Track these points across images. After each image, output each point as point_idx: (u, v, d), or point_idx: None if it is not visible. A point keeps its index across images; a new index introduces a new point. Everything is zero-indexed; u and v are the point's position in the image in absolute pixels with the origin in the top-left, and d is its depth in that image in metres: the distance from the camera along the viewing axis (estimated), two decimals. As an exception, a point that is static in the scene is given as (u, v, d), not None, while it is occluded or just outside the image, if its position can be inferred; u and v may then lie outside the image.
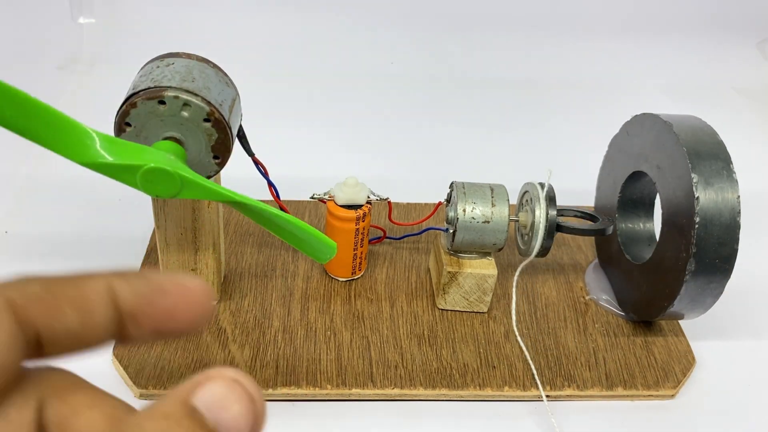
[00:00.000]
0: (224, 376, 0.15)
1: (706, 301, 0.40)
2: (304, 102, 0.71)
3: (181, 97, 0.34)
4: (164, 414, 0.14)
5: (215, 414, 0.15)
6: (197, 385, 0.15)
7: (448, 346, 0.43)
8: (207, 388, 0.15)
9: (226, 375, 0.15)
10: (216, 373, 0.15)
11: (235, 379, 0.15)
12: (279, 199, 0.44)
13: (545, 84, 0.77)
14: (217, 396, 0.15)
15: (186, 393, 0.15)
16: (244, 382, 0.15)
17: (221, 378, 0.15)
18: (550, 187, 0.44)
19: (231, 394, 0.15)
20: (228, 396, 0.15)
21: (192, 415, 0.14)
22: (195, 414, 0.14)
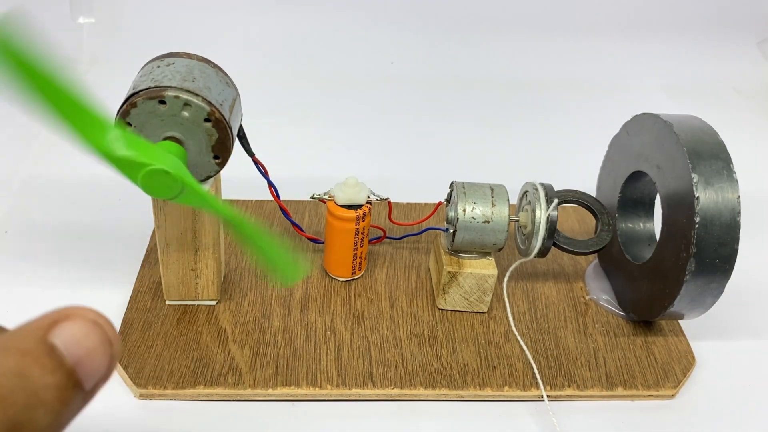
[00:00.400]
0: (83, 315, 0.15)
1: (706, 301, 0.40)
2: (304, 102, 0.71)
3: (182, 97, 0.34)
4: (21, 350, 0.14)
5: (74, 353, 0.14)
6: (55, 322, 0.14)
7: (448, 346, 0.43)
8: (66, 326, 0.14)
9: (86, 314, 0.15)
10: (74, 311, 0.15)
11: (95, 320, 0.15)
12: (279, 199, 0.44)
13: (545, 84, 0.77)
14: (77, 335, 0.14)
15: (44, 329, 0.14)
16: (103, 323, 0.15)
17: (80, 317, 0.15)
18: (550, 186, 0.44)
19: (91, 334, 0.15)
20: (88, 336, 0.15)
21: (51, 353, 0.14)
22: (54, 352, 0.14)
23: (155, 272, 0.46)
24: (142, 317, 0.43)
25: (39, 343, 0.14)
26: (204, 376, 0.40)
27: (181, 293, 0.43)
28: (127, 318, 0.43)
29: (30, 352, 0.14)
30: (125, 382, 0.39)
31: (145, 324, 0.42)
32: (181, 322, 0.43)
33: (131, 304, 0.44)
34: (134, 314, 0.43)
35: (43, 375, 0.14)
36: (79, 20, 0.76)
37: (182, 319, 0.43)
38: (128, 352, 0.40)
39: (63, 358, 0.14)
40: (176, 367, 0.40)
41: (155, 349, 0.41)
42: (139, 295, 0.44)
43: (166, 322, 0.43)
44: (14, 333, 0.14)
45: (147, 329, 0.42)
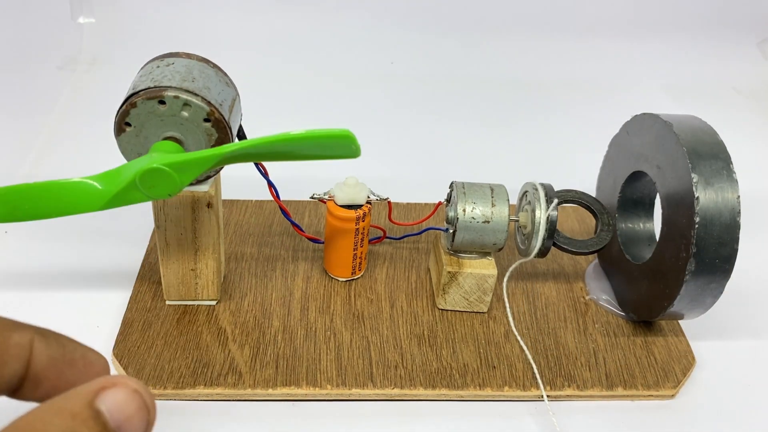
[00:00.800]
0: (127, 384, 0.16)
1: (706, 301, 0.40)
2: (304, 102, 0.71)
3: (181, 97, 0.34)
4: (72, 413, 0.15)
5: (117, 419, 0.16)
6: (101, 389, 0.16)
7: (448, 346, 0.43)
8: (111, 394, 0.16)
9: (129, 384, 0.16)
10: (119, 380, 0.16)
11: (136, 389, 0.17)
12: (279, 199, 0.44)
13: (545, 84, 0.77)
14: (120, 402, 0.16)
15: (91, 395, 0.16)
16: (142, 392, 0.17)
17: (124, 386, 0.16)
18: (550, 186, 0.44)
19: (132, 402, 0.16)
20: (129, 403, 0.16)
21: (97, 417, 0.16)
22: (99, 417, 0.16)
23: (155, 272, 0.46)
24: (142, 317, 0.43)
25: (87, 407, 0.16)
26: (204, 376, 0.40)
27: (181, 293, 0.43)
28: (127, 318, 0.43)
29: (79, 414, 0.15)
30: (125, 382, 0.39)
31: (145, 324, 0.42)
32: (181, 322, 0.43)
33: (131, 304, 0.44)
34: (134, 314, 0.43)
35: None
36: (79, 20, 0.76)
37: (182, 319, 0.43)
38: (128, 352, 0.40)
39: (107, 422, 0.16)
40: (176, 367, 0.40)
41: (155, 349, 0.41)
42: (139, 295, 0.44)
43: (166, 322, 0.43)
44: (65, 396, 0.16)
45: (147, 329, 0.42)
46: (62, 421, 0.15)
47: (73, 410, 0.15)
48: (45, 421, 0.15)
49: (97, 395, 0.16)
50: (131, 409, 0.16)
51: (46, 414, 0.15)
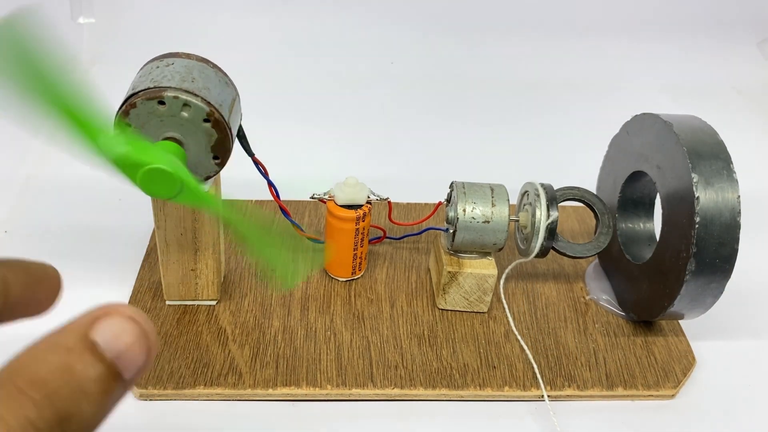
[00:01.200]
0: (121, 312, 0.16)
1: (706, 301, 0.40)
2: (304, 102, 0.71)
3: (181, 98, 0.34)
4: (66, 348, 0.15)
5: (114, 349, 0.16)
6: (95, 320, 0.16)
7: (448, 346, 0.43)
8: (105, 324, 0.16)
9: (124, 311, 0.16)
10: (112, 308, 0.16)
11: (131, 315, 0.16)
12: (279, 199, 0.44)
13: (545, 84, 0.77)
14: (116, 331, 0.16)
15: (85, 327, 0.16)
16: (139, 318, 0.16)
17: (118, 314, 0.16)
18: (550, 187, 0.44)
19: (129, 330, 0.16)
20: (126, 332, 0.16)
21: (93, 349, 0.15)
22: (95, 348, 0.15)
23: (155, 272, 0.46)
24: (142, 317, 0.43)
25: (81, 340, 0.15)
26: (204, 376, 0.40)
27: (181, 293, 0.43)
28: (127, 318, 0.42)
29: (74, 348, 0.15)
30: (125, 382, 0.39)
31: (145, 324, 0.42)
32: (181, 322, 0.43)
33: (131, 304, 0.44)
34: (134, 314, 0.43)
35: (86, 369, 0.15)
36: (79, 20, 0.76)
37: (182, 319, 0.43)
38: (128, 352, 0.40)
39: (103, 353, 0.15)
40: (176, 367, 0.40)
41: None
42: (139, 295, 0.44)
43: (166, 322, 0.43)
44: (58, 332, 0.15)
45: (147, 329, 0.42)
46: (57, 357, 0.15)
47: (67, 345, 0.15)
48: (39, 359, 0.15)
49: (91, 327, 0.16)
50: (129, 337, 0.16)
51: (40, 352, 0.15)
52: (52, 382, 0.14)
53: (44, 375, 0.14)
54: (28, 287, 0.19)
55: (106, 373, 0.15)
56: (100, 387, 0.15)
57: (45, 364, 0.15)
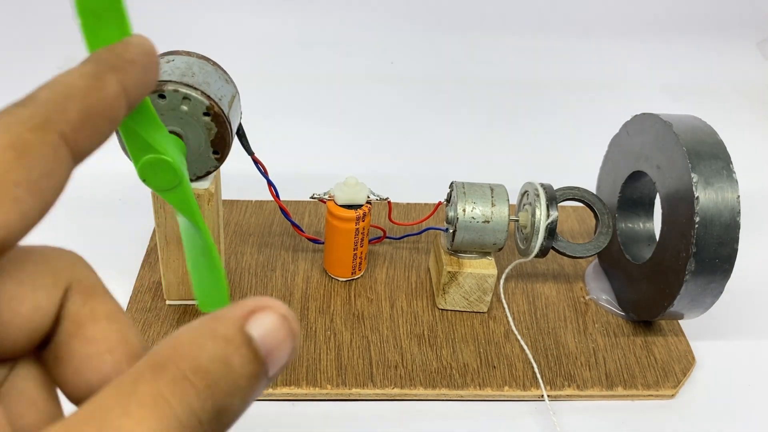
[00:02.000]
0: (277, 309, 0.16)
1: (706, 301, 0.40)
2: (304, 101, 0.71)
3: (181, 91, 0.34)
4: (225, 338, 0.14)
5: (267, 346, 0.15)
6: (251, 313, 0.15)
7: (448, 346, 0.43)
8: (261, 318, 0.15)
9: (278, 308, 0.16)
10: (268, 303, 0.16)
11: (285, 314, 0.16)
12: (279, 199, 0.44)
13: (545, 84, 0.77)
14: (270, 328, 0.15)
15: (242, 319, 0.15)
16: (290, 318, 0.16)
17: (274, 310, 0.15)
18: (550, 187, 0.44)
19: (281, 328, 0.15)
20: (279, 330, 0.15)
21: (249, 343, 0.15)
22: (251, 343, 0.15)
23: (155, 272, 0.46)
24: (142, 317, 0.43)
25: (239, 333, 0.15)
26: (204, 375, 0.39)
27: (181, 293, 0.43)
28: (126, 318, 0.42)
29: (232, 340, 0.15)
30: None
31: (145, 324, 0.42)
32: (181, 322, 0.43)
33: (131, 304, 0.44)
34: (134, 314, 0.43)
35: (243, 364, 0.15)
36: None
37: (182, 319, 0.43)
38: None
39: (258, 349, 0.15)
40: (176, 366, 0.40)
41: (155, 348, 0.41)
42: (139, 295, 0.44)
43: (166, 322, 0.43)
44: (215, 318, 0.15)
45: (147, 329, 0.42)
46: (216, 346, 0.14)
47: (226, 335, 0.15)
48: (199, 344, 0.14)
49: (247, 319, 0.15)
50: (280, 335, 0.15)
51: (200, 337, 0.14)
52: (214, 372, 0.14)
53: (206, 364, 0.14)
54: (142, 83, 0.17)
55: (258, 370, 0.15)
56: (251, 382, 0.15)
57: (207, 352, 0.14)
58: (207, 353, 0.14)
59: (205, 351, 0.14)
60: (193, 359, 0.14)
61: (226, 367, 0.14)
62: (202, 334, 0.14)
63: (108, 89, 0.16)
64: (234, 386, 0.14)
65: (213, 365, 0.14)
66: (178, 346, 0.14)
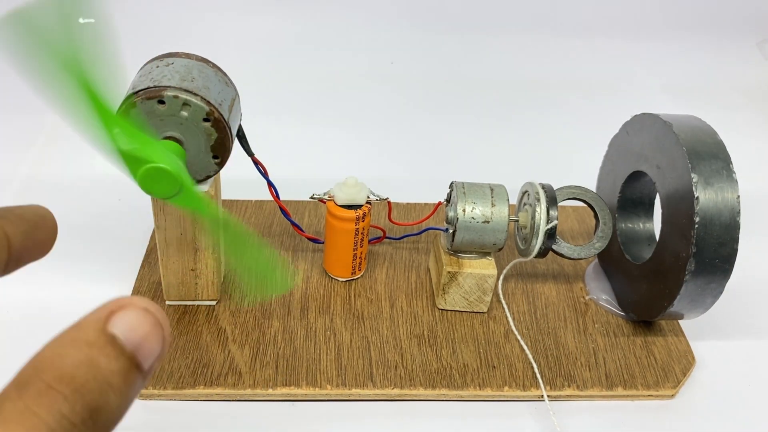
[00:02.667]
0: (135, 304, 0.16)
1: (706, 301, 0.40)
2: (303, 102, 0.71)
3: (181, 97, 0.34)
4: (87, 342, 0.15)
5: (132, 341, 0.16)
6: (111, 313, 0.16)
7: (448, 346, 0.43)
8: (122, 316, 0.16)
9: (138, 303, 0.16)
10: (127, 301, 0.16)
11: (146, 307, 0.16)
12: (279, 199, 0.44)
13: (545, 84, 0.77)
14: (133, 323, 0.16)
15: (102, 321, 0.16)
16: (153, 310, 0.16)
17: (133, 306, 0.16)
18: (550, 187, 0.44)
19: (144, 321, 0.16)
20: (142, 323, 0.16)
21: (113, 342, 0.15)
22: (115, 341, 0.16)
23: (155, 272, 0.46)
24: (142, 317, 0.43)
25: (101, 334, 0.15)
26: (204, 376, 0.40)
27: (181, 293, 0.43)
28: (126, 318, 0.42)
29: (95, 342, 0.15)
30: (125, 382, 0.39)
31: (144, 324, 0.42)
32: (181, 322, 0.43)
33: (131, 304, 0.44)
34: (134, 314, 0.43)
35: (110, 362, 0.15)
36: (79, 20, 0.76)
37: (182, 319, 0.43)
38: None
39: (123, 345, 0.16)
40: (176, 367, 0.40)
41: (155, 349, 0.41)
42: (139, 295, 0.44)
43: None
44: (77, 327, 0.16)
45: (147, 329, 0.42)
46: (81, 352, 0.15)
47: (88, 339, 0.15)
48: (63, 354, 0.15)
49: (108, 320, 0.16)
50: (145, 328, 0.16)
51: (62, 347, 0.15)
52: (79, 376, 0.15)
53: (71, 370, 0.15)
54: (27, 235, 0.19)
55: (128, 365, 0.16)
56: (124, 378, 0.15)
57: (69, 359, 0.15)
58: (70, 360, 0.15)
59: (67, 359, 0.15)
60: (56, 369, 0.15)
61: (92, 368, 0.15)
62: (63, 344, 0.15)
63: None
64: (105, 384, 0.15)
65: (78, 370, 0.15)
66: (40, 362, 0.15)
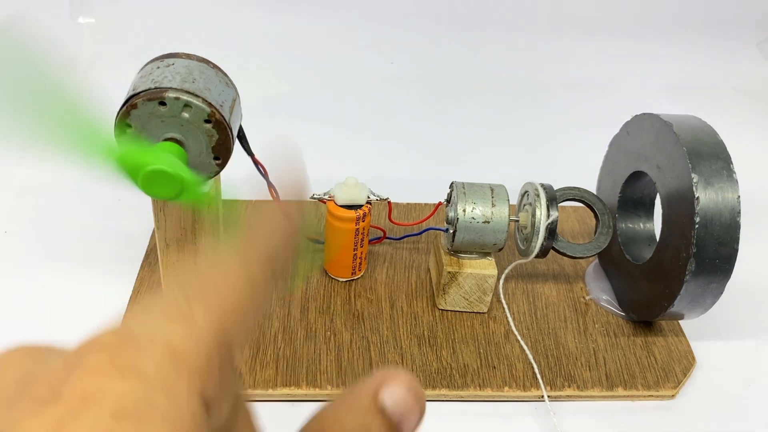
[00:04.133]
0: (403, 379, 0.17)
1: (706, 301, 0.40)
2: (304, 102, 0.71)
3: (182, 99, 0.34)
4: (362, 409, 0.16)
5: (398, 413, 0.17)
6: (383, 383, 0.17)
7: (448, 347, 0.43)
8: (391, 389, 0.17)
9: (405, 378, 0.17)
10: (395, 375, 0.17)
11: (411, 382, 0.17)
12: (279, 199, 0.44)
13: (546, 84, 0.77)
14: (400, 397, 0.17)
15: (374, 390, 0.17)
16: (416, 386, 0.17)
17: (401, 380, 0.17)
18: (550, 187, 0.44)
19: (409, 395, 0.17)
20: (407, 397, 0.17)
21: (383, 412, 0.17)
22: (385, 412, 0.17)
23: (155, 272, 0.46)
24: (142, 317, 0.43)
25: (373, 403, 0.17)
26: (204, 376, 0.39)
27: (181, 293, 0.43)
28: (127, 318, 0.42)
29: (369, 410, 0.16)
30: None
31: (145, 324, 0.42)
32: (181, 323, 0.43)
33: (131, 304, 0.44)
34: (134, 314, 0.43)
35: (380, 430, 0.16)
36: (79, 20, 0.76)
37: (182, 319, 0.43)
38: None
39: (392, 417, 0.17)
40: (176, 367, 0.40)
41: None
42: (139, 295, 0.44)
43: (166, 322, 0.43)
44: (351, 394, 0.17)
45: (147, 329, 0.42)
46: (356, 417, 0.16)
47: (362, 406, 0.16)
48: (343, 416, 0.16)
49: (379, 391, 0.17)
50: (409, 402, 0.17)
51: (341, 410, 0.17)
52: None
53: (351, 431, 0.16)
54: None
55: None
56: None
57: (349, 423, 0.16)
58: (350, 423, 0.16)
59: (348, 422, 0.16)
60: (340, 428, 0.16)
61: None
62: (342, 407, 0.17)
63: None
64: None
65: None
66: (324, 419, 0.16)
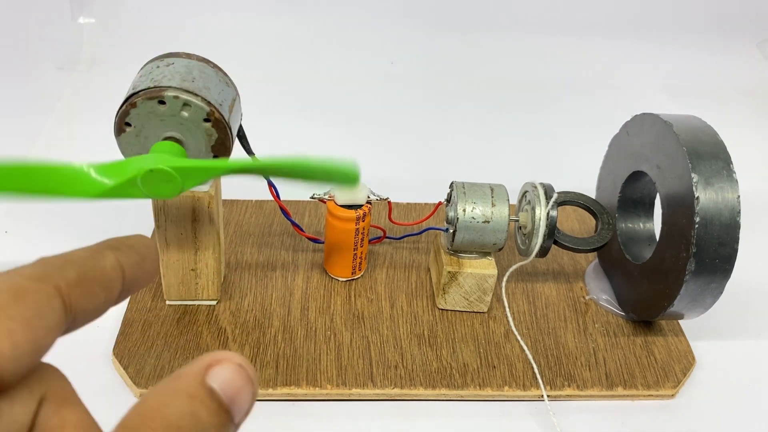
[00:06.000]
0: (231, 359, 0.17)
1: (706, 301, 0.40)
2: (304, 102, 0.71)
3: (181, 97, 0.34)
4: (188, 394, 0.16)
5: (228, 394, 0.16)
6: (209, 367, 0.16)
7: (448, 346, 0.43)
8: (219, 371, 0.16)
9: (233, 359, 0.17)
10: (223, 356, 0.17)
11: (240, 363, 0.17)
12: (279, 198, 0.44)
13: (545, 84, 0.77)
14: (229, 378, 0.16)
15: (201, 375, 0.16)
16: (246, 366, 0.17)
17: (229, 361, 0.17)
18: (550, 186, 0.44)
19: (239, 376, 0.17)
20: (237, 378, 0.17)
21: (211, 395, 0.16)
22: (213, 394, 0.16)
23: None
24: (142, 317, 0.43)
25: (200, 387, 0.16)
26: (204, 376, 0.39)
27: (181, 293, 0.43)
28: (127, 318, 0.43)
29: (195, 395, 0.16)
30: (125, 382, 0.39)
31: (145, 324, 0.42)
32: (181, 322, 0.43)
33: (131, 304, 0.44)
34: (134, 314, 0.43)
35: (210, 416, 0.16)
36: (79, 20, 0.76)
37: (182, 319, 0.43)
38: (128, 352, 0.40)
39: (221, 399, 0.16)
40: (176, 367, 0.40)
41: (155, 349, 0.41)
42: (139, 295, 0.44)
43: (166, 322, 0.43)
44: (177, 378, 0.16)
45: (147, 329, 0.42)
46: (182, 403, 0.16)
47: (188, 391, 0.16)
48: (166, 404, 0.16)
49: (206, 374, 0.16)
50: (239, 383, 0.17)
51: (165, 397, 0.16)
52: (183, 427, 0.15)
53: (176, 420, 0.15)
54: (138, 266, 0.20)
55: (226, 419, 0.16)
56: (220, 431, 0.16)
57: (174, 409, 0.15)
58: (175, 410, 0.15)
59: (172, 409, 0.15)
60: (163, 418, 0.15)
61: (194, 420, 0.15)
62: (167, 394, 0.16)
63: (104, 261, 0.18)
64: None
65: (182, 421, 0.15)
66: (146, 410, 0.15)
